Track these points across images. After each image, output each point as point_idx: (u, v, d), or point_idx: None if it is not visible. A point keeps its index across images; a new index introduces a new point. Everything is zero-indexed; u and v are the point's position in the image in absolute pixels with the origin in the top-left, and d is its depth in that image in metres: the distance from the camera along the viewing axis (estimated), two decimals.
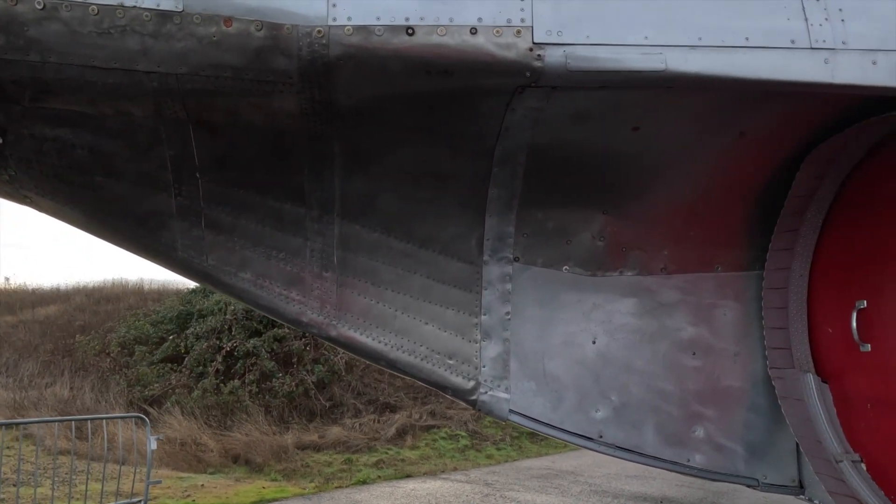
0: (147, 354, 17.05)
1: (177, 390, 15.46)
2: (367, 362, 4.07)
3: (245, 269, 3.98)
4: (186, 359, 16.31)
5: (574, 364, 4.15)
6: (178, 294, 21.92)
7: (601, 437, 4.11)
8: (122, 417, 11.22)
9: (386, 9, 3.20)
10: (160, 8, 3.19)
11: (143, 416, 10.58)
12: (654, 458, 4.14)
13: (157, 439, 10.17)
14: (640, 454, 4.14)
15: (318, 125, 3.56)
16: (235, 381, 15.64)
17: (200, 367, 16.09)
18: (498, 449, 15.49)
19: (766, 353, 4.39)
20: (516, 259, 4.11)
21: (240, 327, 16.97)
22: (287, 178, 3.82)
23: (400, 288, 4.07)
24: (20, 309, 21.26)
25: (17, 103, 3.42)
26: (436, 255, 4.07)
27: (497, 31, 3.22)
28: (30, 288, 23.93)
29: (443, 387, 4.09)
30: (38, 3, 3.15)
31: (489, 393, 4.04)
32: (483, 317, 4.09)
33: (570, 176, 3.95)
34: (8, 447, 11.22)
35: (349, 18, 3.20)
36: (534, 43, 3.23)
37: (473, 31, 3.22)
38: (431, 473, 12.89)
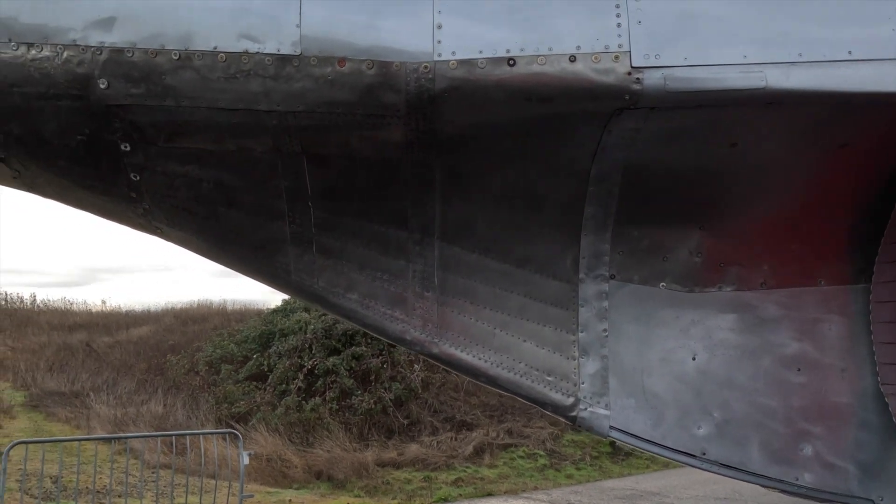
0: (233, 373, 17.86)
1: (261, 407, 16.09)
2: (466, 379, 4.23)
3: (352, 290, 4.24)
4: (270, 377, 16.99)
5: (674, 380, 4.17)
6: (260, 314, 22.89)
7: (704, 454, 4.10)
8: (218, 433, 11.80)
9: (487, 42, 3.40)
10: (280, 52, 3.51)
11: (237, 433, 11.10)
12: (761, 476, 4.09)
13: (249, 454, 10.66)
14: (746, 472, 4.10)
15: (422, 153, 3.79)
16: (316, 398, 16.15)
17: (283, 385, 16.72)
18: (578, 469, 15.29)
19: (877, 368, 4.26)
20: (612, 277, 4.19)
21: (319, 346, 17.55)
22: (391, 205, 4.06)
23: (498, 306, 4.23)
24: (116, 330, 22.70)
25: (153, 144, 3.82)
26: (532, 275, 4.20)
27: (595, 58, 3.36)
28: (123, 310, 25.54)
29: (542, 403, 4.20)
30: (175, 53, 3.53)
31: (589, 409, 4.12)
32: (581, 334, 4.18)
33: (666, 193, 4.01)
34: (111, 461, 12.02)
35: (453, 53, 3.42)
36: (632, 67, 3.35)
37: (572, 58, 3.37)
38: (513, 492, 12.88)
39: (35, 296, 26.21)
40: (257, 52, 3.51)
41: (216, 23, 3.53)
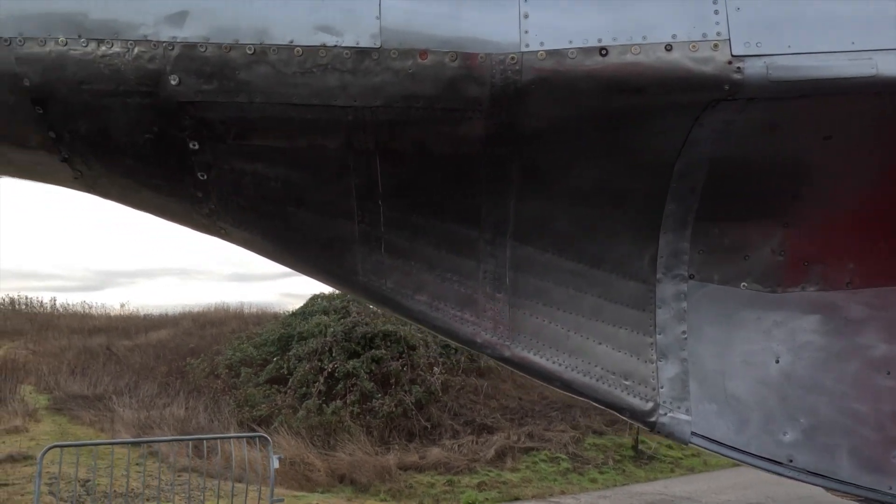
0: (252, 376, 17.72)
1: (282, 410, 15.93)
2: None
3: (421, 291, 4.07)
4: (290, 380, 16.83)
5: (757, 384, 3.98)
6: (277, 317, 22.78)
7: (791, 461, 3.91)
8: (247, 437, 11.63)
9: (578, 31, 3.24)
10: (359, 45, 3.35)
11: (266, 436, 10.94)
12: (851, 484, 3.89)
13: (279, 458, 10.49)
14: (835, 480, 3.90)
15: (500, 149, 3.62)
16: (337, 401, 15.98)
17: (303, 388, 16.55)
18: (601, 472, 15.04)
19: None
20: (691, 276, 4.01)
21: (339, 349, 17.39)
22: (463, 202, 3.89)
23: (572, 308, 4.05)
24: (135, 333, 22.61)
25: (222, 142, 3.66)
26: (607, 275, 4.03)
27: (693, 47, 3.19)
28: (141, 314, 25.44)
29: (620, 408, 4.01)
30: (249, 48, 3.38)
31: (669, 415, 3.93)
32: (658, 336, 4.00)
33: (751, 188, 3.83)
34: (137, 464, 11.88)
35: (541, 43, 3.25)
36: (732, 56, 3.19)
37: (668, 47, 3.20)
38: (539, 496, 12.66)
39: (55, 300, 26.12)
40: (335, 46, 3.35)
41: (292, 16, 3.38)
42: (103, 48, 3.40)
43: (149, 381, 18.06)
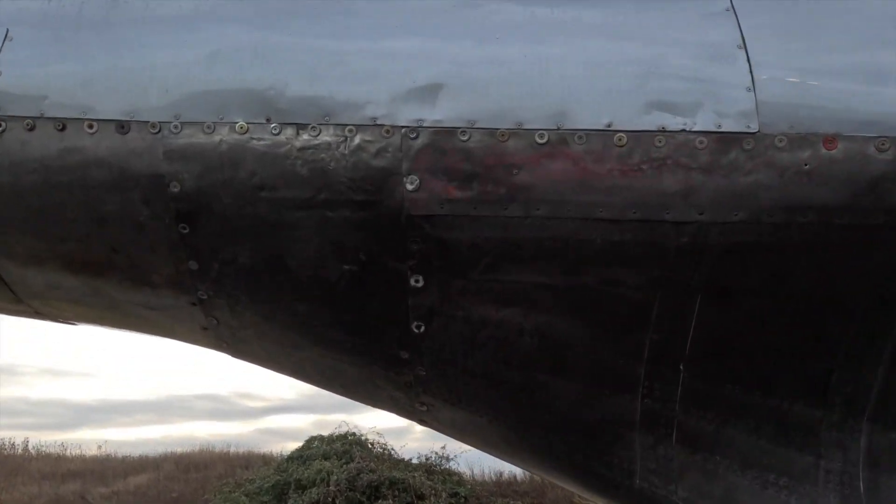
0: None
1: None
2: None
3: (731, 503, 2.47)
4: None
5: None
6: (266, 460, 20.03)
7: None
8: None
9: None
10: (721, 130, 2.04)
11: None
12: None
13: None
14: None
15: None
16: None
17: None
18: None
19: None
20: None
21: (344, 499, 14.87)
22: (809, 366, 2.43)
23: None
24: (112, 478, 19.43)
25: (463, 276, 2.20)
26: None
27: None
28: (119, 455, 22.18)
29: None
30: (540, 135, 2.04)
31: None
32: None
33: None
34: None
35: None
36: None
37: None
38: None
39: (28, 441, 22.43)
40: (682, 130, 2.05)
41: (609, 87, 2.10)
42: (304, 137, 2.06)
43: None
